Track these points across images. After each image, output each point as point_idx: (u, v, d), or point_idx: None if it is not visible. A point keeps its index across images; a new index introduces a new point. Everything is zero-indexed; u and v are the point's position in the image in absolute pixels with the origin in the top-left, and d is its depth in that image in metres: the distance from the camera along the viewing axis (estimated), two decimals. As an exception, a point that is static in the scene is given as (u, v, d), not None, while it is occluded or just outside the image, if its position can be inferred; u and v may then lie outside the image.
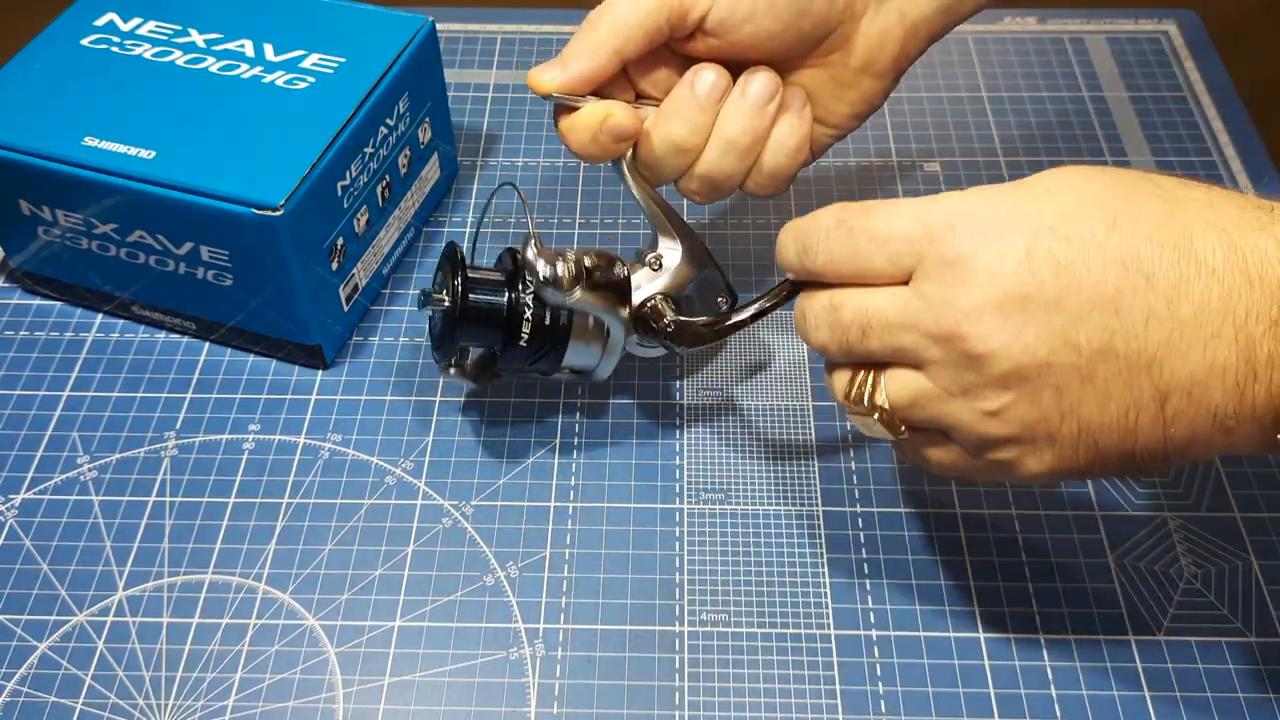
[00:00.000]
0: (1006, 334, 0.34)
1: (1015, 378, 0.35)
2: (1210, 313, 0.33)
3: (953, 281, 0.35)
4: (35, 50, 0.56)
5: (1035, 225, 0.35)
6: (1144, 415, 0.34)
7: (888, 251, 0.36)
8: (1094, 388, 0.34)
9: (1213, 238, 0.33)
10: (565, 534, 0.49)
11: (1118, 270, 0.34)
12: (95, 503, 0.50)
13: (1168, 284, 0.33)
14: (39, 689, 0.45)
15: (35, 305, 0.59)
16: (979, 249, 0.35)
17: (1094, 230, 0.34)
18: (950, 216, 0.36)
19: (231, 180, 0.49)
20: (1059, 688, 0.44)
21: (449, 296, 0.46)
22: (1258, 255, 0.33)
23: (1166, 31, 0.74)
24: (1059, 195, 0.35)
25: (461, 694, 0.45)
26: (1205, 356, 0.33)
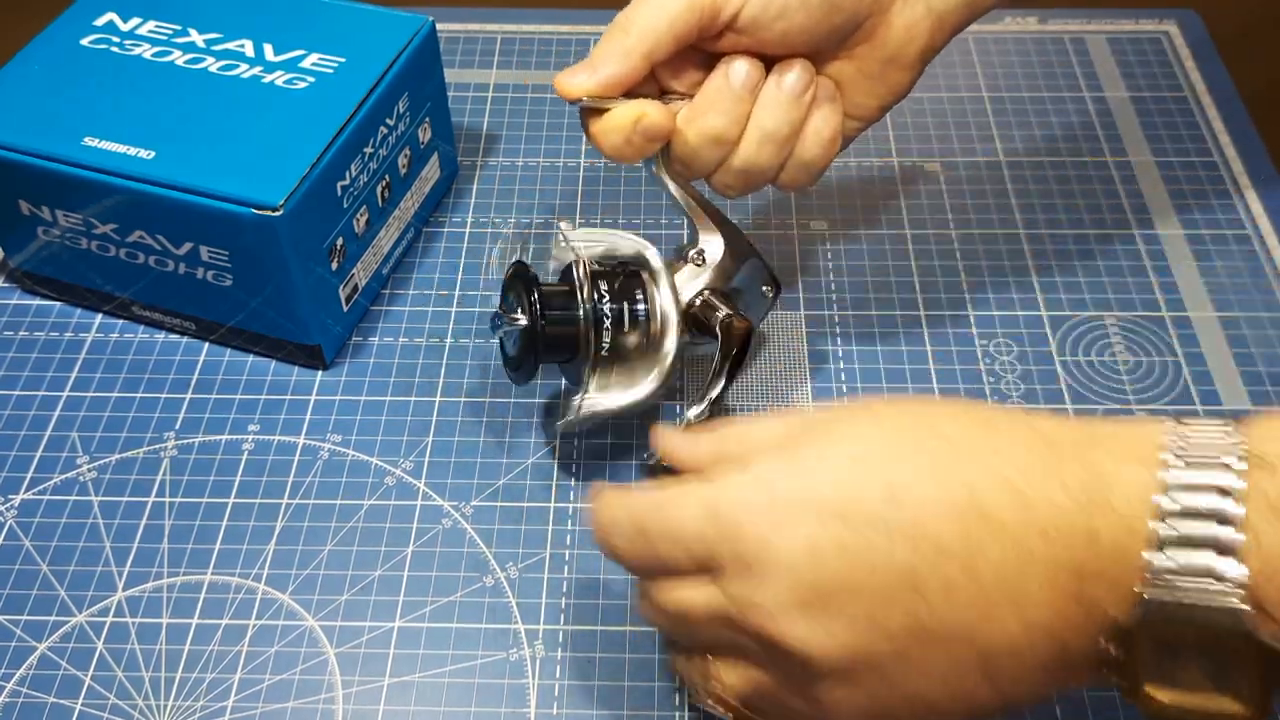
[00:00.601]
0: (817, 631, 0.33)
1: (837, 672, 0.33)
2: (1012, 574, 0.31)
3: (751, 579, 0.33)
4: (35, 50, 0.56)
5: (818, 510, 0.33)
6: (975, 683, 0.33)
7: (684, 547, 0.35)
8: (916, 667, 0.33)
9: (998, 491, 0.32)
10: (565, 534, 0.49)
11: (905, 545, 0.32)
12: (95, 503, 0.50)
13: (961, 550, 0.31)
14: (38, 689, 0.45)
15: (35, 305, 0.59)
16: (769, 545, 0.33)
17: (873, 505, 0.32)
18: (736, 506, 0.34)
19: (231, 180, 0.49)
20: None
21: (525, 315, 0.46)
22: (1045, 505, 0.31)
23: (1167, 32, 0.74)
24: (838, 468, 0.34)
25: (461, 695, 0.44)
26: (1019, 620, 0.31)
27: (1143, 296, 0.58)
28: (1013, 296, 0.58)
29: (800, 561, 0.33)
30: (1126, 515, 0.31)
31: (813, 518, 0.33)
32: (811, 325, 0.57)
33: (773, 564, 0.33)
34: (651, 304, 0.47)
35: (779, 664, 0.34)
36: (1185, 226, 0.62)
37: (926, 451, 0.33)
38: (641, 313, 0.47)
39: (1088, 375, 0.55)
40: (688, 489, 0.36)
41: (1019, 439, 0.33)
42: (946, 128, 0.67)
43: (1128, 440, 0.32)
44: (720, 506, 0.34)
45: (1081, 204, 0.63)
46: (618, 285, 0.47)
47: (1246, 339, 0.56)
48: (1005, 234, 0.61)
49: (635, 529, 0.37)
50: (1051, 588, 0.31)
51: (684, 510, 0.35)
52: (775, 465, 0.35)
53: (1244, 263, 0.60)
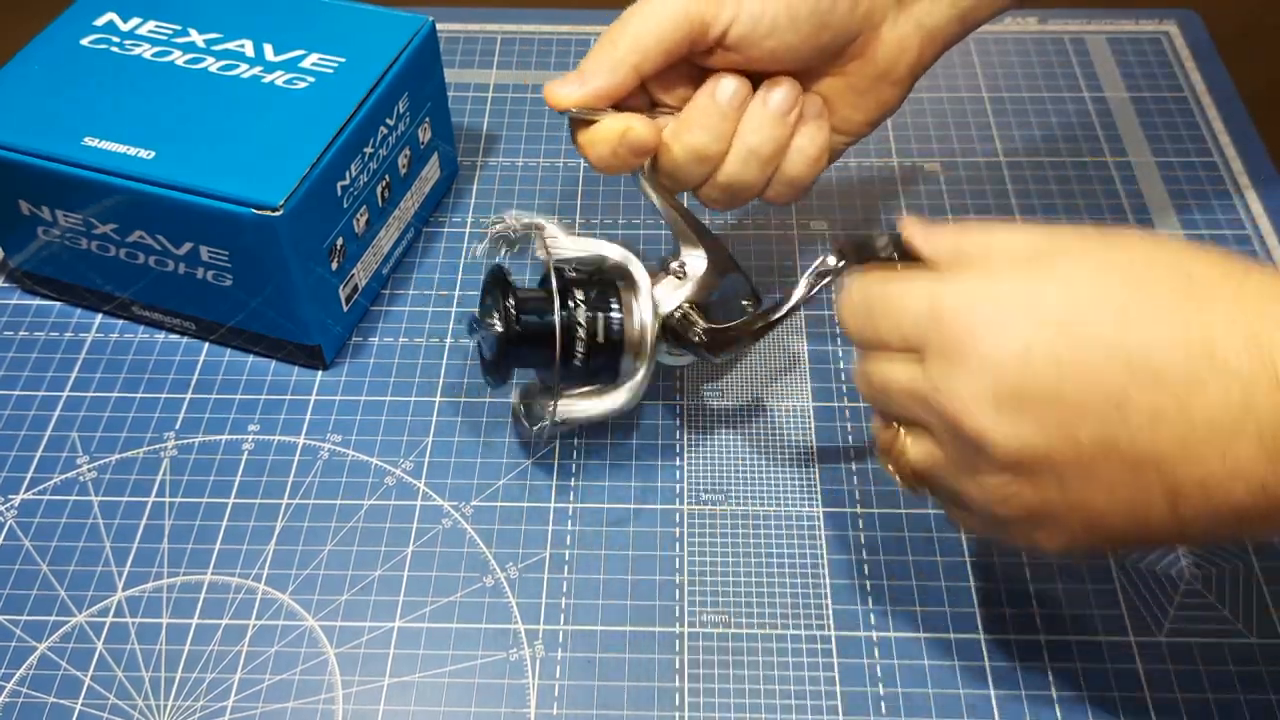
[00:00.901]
0: (1004, 426, 0.34)
1: (1015, 467, 0.35)
2: (1229, 415, 0.32)
3: (954, 368, 0.35)
4: (35, 50, 0.56)
5: (1040, 319, 0.34)
6: (1154, 510, 0.34)
7: (900, 330, 0.37)
8: (1098, 481, 0.34)
9: (1237, 336, 0.32)
10: (565, 534, 0.49)
11: (1123, 368, 0.33)
12: (94, 503, 0.50)
13: (1179, 384, 0.32)
14: (38, 689, 0.45)
15: (35, 305, 0.59)
16: (981, 340, 0.34)
17: (1101, 327, 0.33)
18: (958, 300, 0.36)
19: (231, 180, 0.49)
20: (1059, 689, 0.44)
21: (500, 319, 0.46)
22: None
23: (1167, 32, 0.74)
24: (1072, 285, 0.35)
25: (461, 695, 0.44)
26: (1224, 460, 0.32)
27: (1143, 296, 0.58)
28: (1013, 296, 0.58)
29: (1007, 361, 0.34)
30: None
31: (1032, 324, 0.34)
32: (811, 325, 0.57)
33: (978, 358, 0.34)
34: (630, 315, 0.47)
35: (959, 447, 0.36)
36: (1185, 227, 0.62)
37: (1169, 288, 0.34)
38: (616, 322, 0.47)
39: (1088, 375, 0.55)
40: (919, 279, 0.37)
41: (1270, 295, 0.33)
42: (946, 128, 0.67)
43: None
44: (943, 299, 0.36)
45: (1081, 204, 0.63)
46: (594, 294, 0.47)
47: (1246, 339, 0.56)
48: (1005, 234, 0.61)
49: (864, 304, 0.39)
50: (1275, 438, 0.31)
51: (908, 296, 0.37)
52: (1010, 272, 0.36)
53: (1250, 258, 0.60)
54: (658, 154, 0.46)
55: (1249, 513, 0.33)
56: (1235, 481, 0.32)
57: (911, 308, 0.37)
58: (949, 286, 0.36)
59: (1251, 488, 0.32)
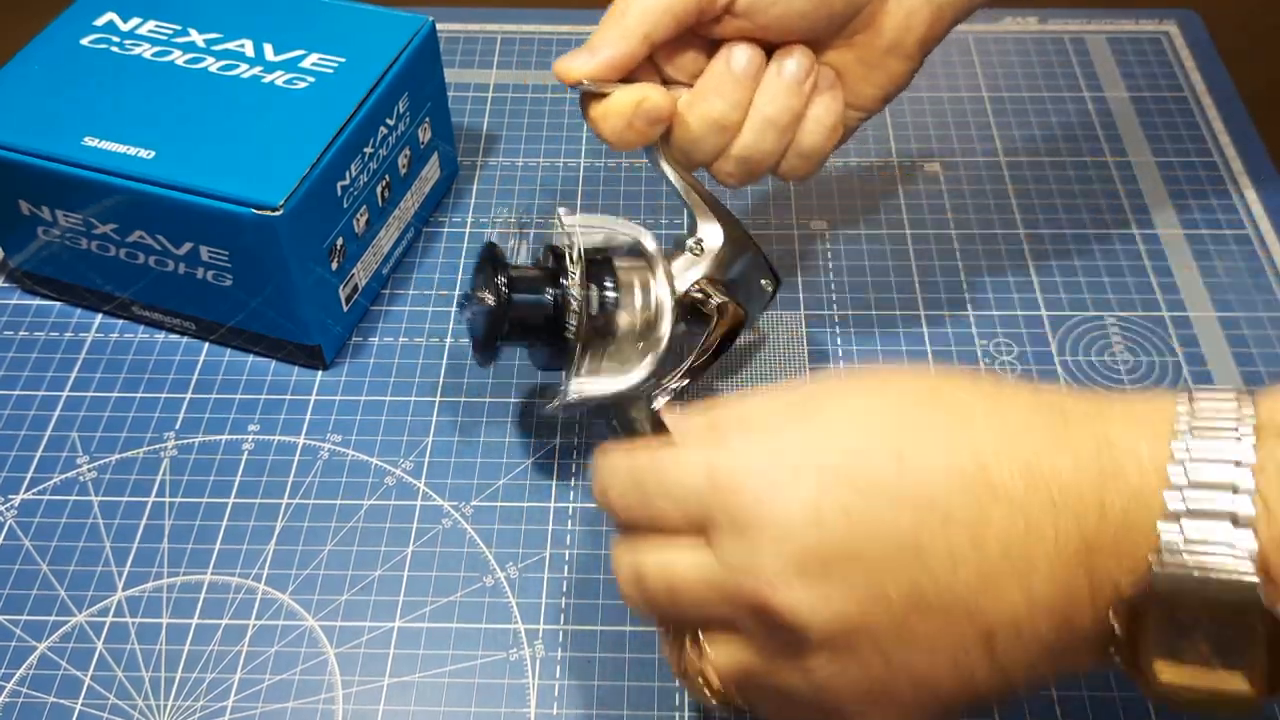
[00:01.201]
0: (813, 599, 0.31)
1: (834, 643, 0.32)
2: (1018, 545, 0.30)
3: (748, 542, 0.32)
4: (35, 50, 0.56)
5: (822, 473, 0.32)
6: (975, 661, 0.32)
7: (679, 508, 0.34)
8: (917, 640, 0.32)
9: (1006, 461, 0.31)
10: (565, 534, 0.49)
11: (911, 514, 0.31)
12: (94, 503, 0.50)
13: (968, 520, 0.31)
14: (38, 689, 0.45)
15: (35, 305, 0.59)
16: (769, 508, 0.32)
17: (881, 472, 0.32)
18: (736, 463, 0.33)
19: (231, 180, 0.49)
20: (1060, 689, 0.44)
21: (492, 295, 0.45)
22: (1055, 475, 0.31)
23: (1167, 32, 0.74)
24: (842, 429, 0.33)
25: (461, 695, 0.44)
26: (1024, 593, 0.31)
27: (1143, 296, 0.58)
28: (1013, 296, 0.58)
29: (800, 525, 0.32)
30: (1138, 487, 0.30)
31: (816, 481, 0.32)
32: (811, 324, 0.57)
33: (770, 525, 0.32)
34: (645, 293, 0.46)
35: (772, 636, 0.33)
36: (1185, 226, 0.62)
37: (935, 419, 0.33)
38: (612, 298, 0.46)
39: (1088, 375, 0.55)
40: (691, 449, 0.35)
41: (1028, 409, 0.32)
42: (946, 128, 0.67)
43: (1139, 412, 0.32)
44: (720, 466, 0.33)
45: (1081, 204, 0.63)
46: (589, 270, 0.46)
47: (1246, 339, 0.56)
48: (1005, 234, 0.61)
49: (632, 482, 0.36)
50: (1058, 560, 0.30)
51: (683, 468, 0.34)
52: (780, 431, 0.34)
53: (1244, 263, 0.60)
54: (673, 126, 0.45)
55: (1061, 648, 0.31)
56: (1040, 615, 0.31)
57: (688, 478, 0.34)
58: (723, 451, 0.34)
59: (1055, 621, 0.31)
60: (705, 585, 0.34)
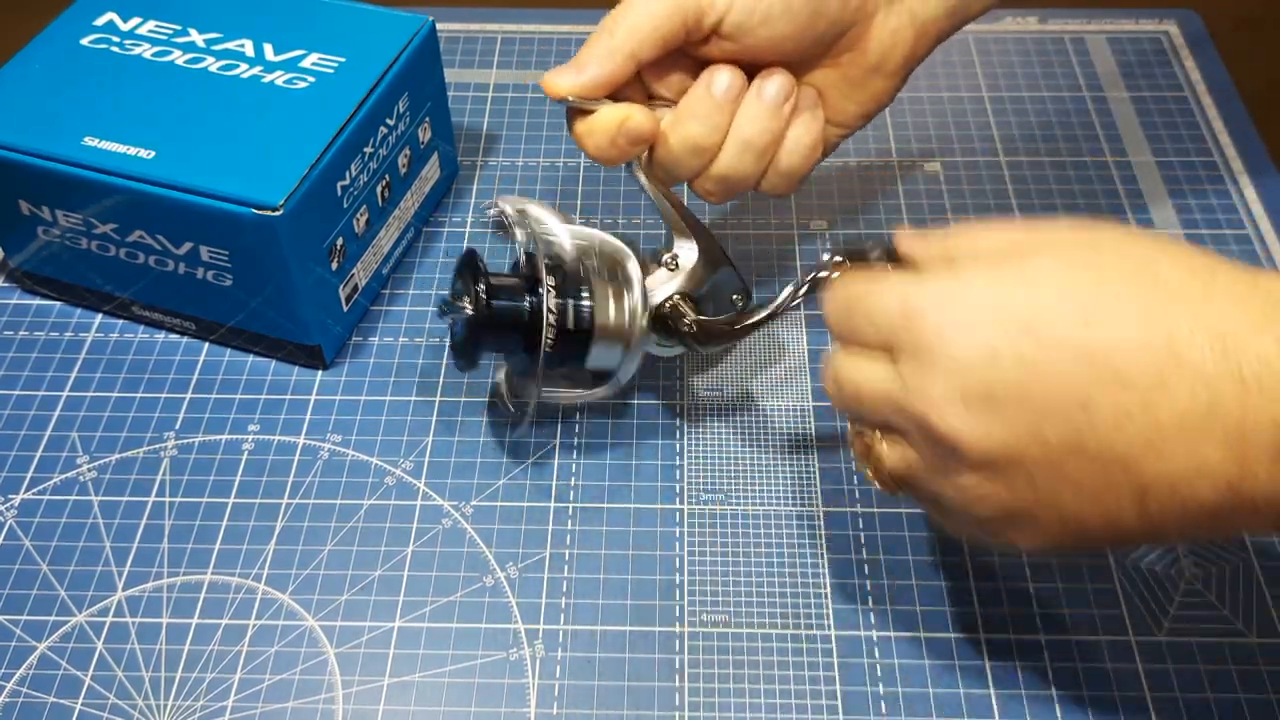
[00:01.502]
0: (973, 426, 0.34)
1: (987, 466, 0.35)
2: (1195, 416, 0.32)
3: (924, 369, 0.35)
4: (35, 50, 0.56)
5: (1008, 321, 0.34)
6: (1124, 509, 0.34)
7: (874, 327, 0.38)
8: (1068, 480, 0.34)
9: (1203, 338, 0.32)
10: (565, 534, 0.49)
11: (1087, 370, 0.33)
12: (95, 503, 0.50)
13: (1144, 385, 0.32)
14: (38, 689, 0.45)
15: (35, 305, 0.59)
16: (949, 341, 0.35)
17: (1066, 329, 0.34)
18: (928, 301, 0.36)
19: (231, 180, 0.49)
20: (1059, 688, 0.44)
21: (471, 303, 0.46)
22: (1252, 357, 0.32)
23: (1167, 31, 0.74)
24: (1039, 286, 0.35)
25: (461, 695, 0.44)
26: (1190, 460, 0.32)
27: (1143, 296, 0.58)
28: (1013, 296, 0.58)
29: (975, 361, 0.34)
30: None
31: (998, 324, 0.34)
32: (812, 325, 0.57)
33: (947, 359, 0.35)
34: (620, 303, 0.47)
35: (932, 448, 0.36)
36: (1185, 225, 0.62)
37: (1137, 289, 0.34)
38: (587, 309, 0.47)
39: (1088, 375, 0.55)
40: (895, 281, 0.38)
41: (1237, 293, 0.33)
42: (946, 127, 0.67)
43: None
44: (914, 299, 0.36)
45: (1081, 203, 0.63)
46: (566, 280, 0.47)
47: (1246, 338, 0.56)
48: (1005, 234, 0.61)
49: (844, 302, 0.39)
50: (1240, 436, 0.32)
51: (883, 295, 0.38)
52: (981, 271, 0.36)
53: (1244, 261, 0.59)
54: (654, 145, 0.46)
55: (1219, 511, 0.33)
56: (1202, 481, 0.32)
57: (885, 306, 0.37)
58: (921, 288, 0.37)
59: (1218, 487, 0.32)
60: (884, 397, 0.37)
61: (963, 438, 0.35)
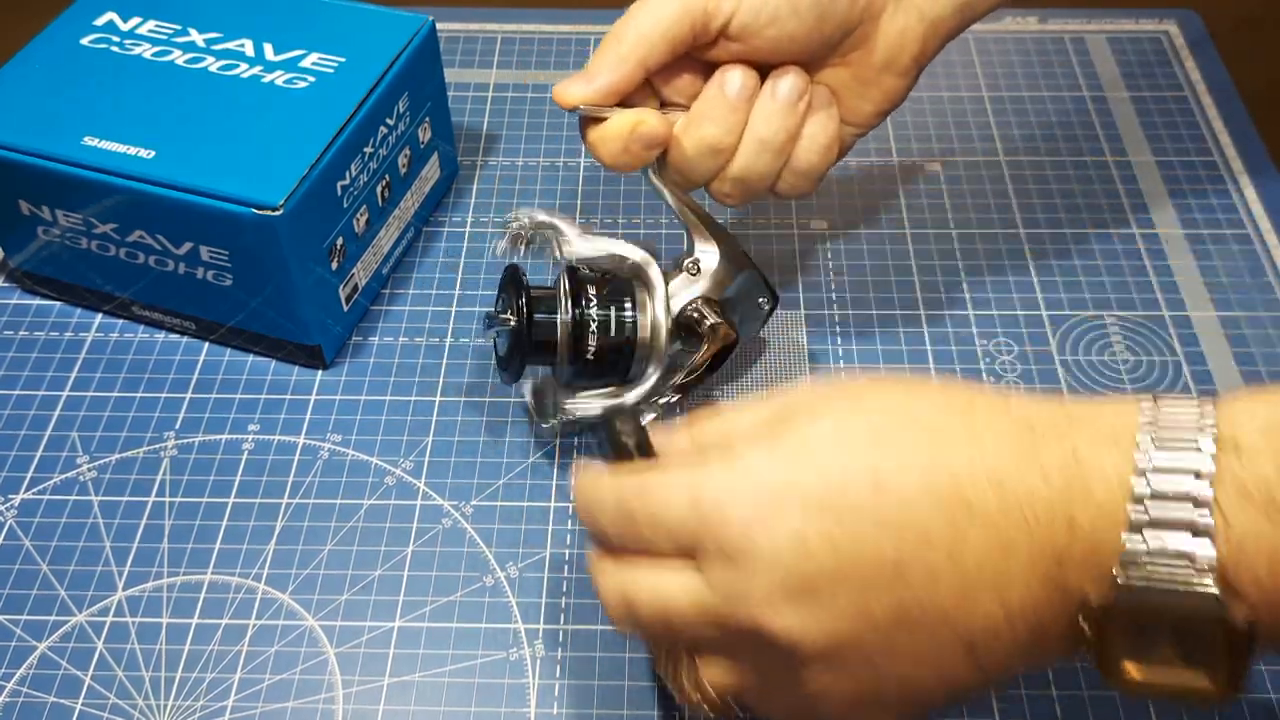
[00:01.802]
0: (805, 620, 0.33)
1: (824, 658, 0.34)
2: (994, 562, 0.32)
3: (737, 572, 0.33)
4: (35, 50, 0.56)
5: (804, 502, 0.33)
6: (958, 666, 0.33)
7: (669, 536, 0.35)
8: (902, 651, 0.33)
9: (981, 480, 0.32)
10: (565, 534, 0.49)
11: (892, 536, 0.32)
12: (95, 503, 0.50)
13: (945, 539, 0.32)
14: (38, 689, 0.45)
15: (35, 305, 0.59)
16: (754, 538, 0.33)
17: (861, 497, 0.33)
18: (719, 494, 0.34)
19: (231, 180, 0.49)
20: (1059, 688, 0.44)
21: (515, 316, 0.46)
22: (1027, 495, 0.32)
23: (1167, 31, 0.74)
24: (822, 457, 0.34)
25: (461, 694, 0.44)
26: (1001, 605, 0.32)
27: (1143, 296, 0.58)
28: (1013, 296, 0.58)
29: (786, 554, 0.33)
30: (1104, 501, 0.31)
31: (799, 509, 0.33)
32: (811, 325, 0.57)
33: (758, 556, 0.33)
34: (643, 312, 0.47)
35: (765, 655, 0.34)
36: (1185, 225, 0.62)
37: (910, 440, 0.33)
38: (630, 320, 0.47)
39: (1088, 374, 0.55)
40: (673, 474, 0.36)
41: (999, 427, 0.33)
42: (946, 127, 0.67)
43: (1104, 422, 0.32)
44: (705, 495, 0.34)
45: (1081, 203, 0.63)
46: (606, 291, 0.47)
47: (1246, 338, 0.56)
48: (1005, 233, 0.61)
49: (619, 508, 0.36)
50: (1032, 574, 0.32)
51: (669, 495, 0.35)
52: (759, 453, 0.35)
53: (1244, 261, 0.60)
54: (669, 150, 0.46)
55: (1038, 650, 0.33)
56: (1016, 622, 0.32)
57: (675, 508, 0.35)
58: (708, 480, 0.35)
59: (1030, 628, 0.32)
60: (698, 611, 0.35)
61: (795, 634, 0.33)
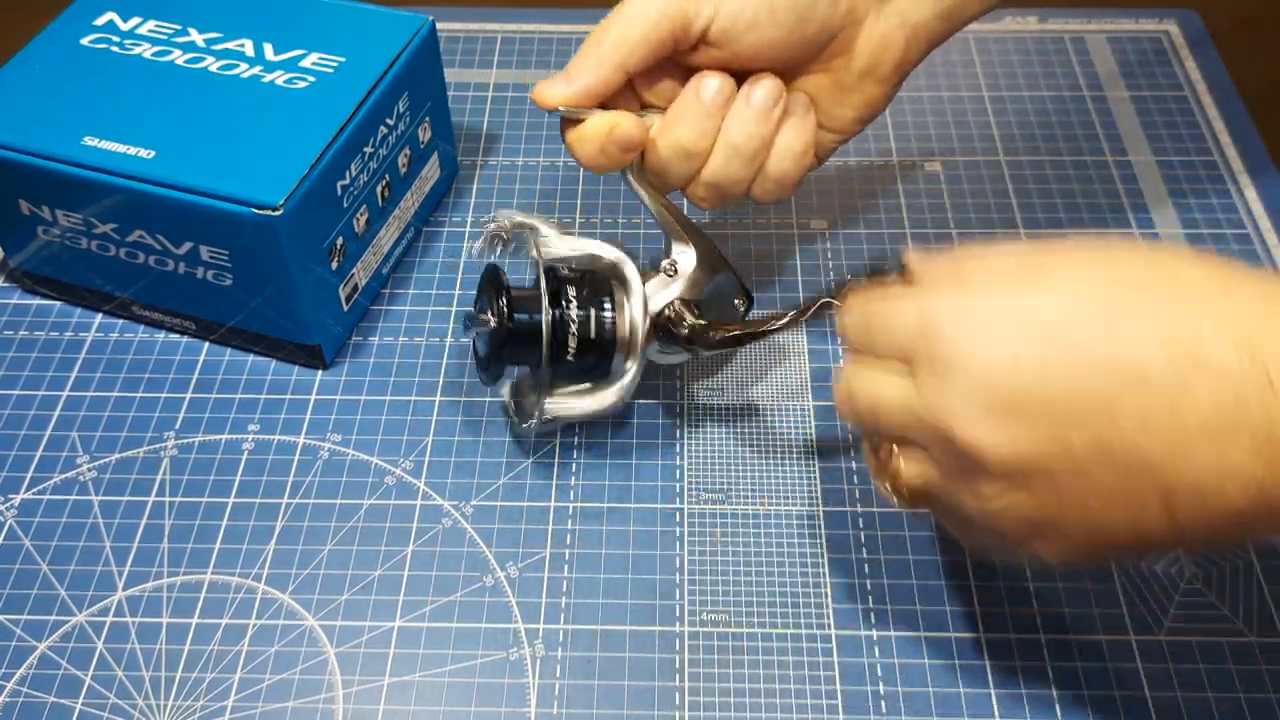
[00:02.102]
0: (996, 436, 0.34)
1: (1010, 477, 0.35)
2: (1221, 418, 0.31)
3: (944, 380, 0.35)
4: (35, 50, 0.56)
5: (1026, 328, 0.34)
6: (1151, 515, 0.33)
7: (893, 341, 0.38)
8: (1093, 486, 0.34)
9: (1226, 339, 0.32)
10: (565, 534, 0.49)
11: (1110, 374, 0.33)
12: (95, 503, 0.50)
13: (1168, 388, 0.32)
14: (38, 689, 0.45)
15: (35, 305, 0.59)
16: (969, 351, 0.35)
17: (1087, 333, 0.33)
18: (945, 314, 0.36)
19: (231, 180, 0.49)
20: (1059, 688, 0.44)
21: (494, 317, 0.47)
22: (1274, 355, 0.31)
23: (1167, 31, 0.74)
24: (1057, 293, 0.35)
25: (461, 694, 0.44)
26: (1218, 462, 0.32)
27: (1143, 296, 0.58)
28: (1013, 296, 0.58)
29: (996, 369, 0.34)
30: None
31: (1019, 333, 0.34)
32: (811, 327, 0.57)
33: (964, 367, 0.35)
34: (620, 313, 0.47)
35: (955, 460, 0.36)
36: (1185, 225, 0.62)
37: (1158, 293, 0.34)
38: (609, 320, 0.47)
39: (1088, 374, 0.55)
40: (912, 294, 0.38)
41: (1258, 293, 0.33)
42: (946, 127, 0.67)
43: None
44: (931, 312, 0.36)
45: (1081, 203, 0.63)
46: (586, 293, 0.48)
47: (1247, 338, 0.56)
48: (1005, 233, 0.61)
49: (862, 316, 0.40)
50: (1268, 438, 0.31)
51: (902, 308, 0.38)
52: (998, 284, 0.36)
53: (1244, 260, 0.60)
54: (645, 152, 0.47)
55: (1245, 516, 0.32)
56: (1230, 484, 0.32)
57: (902, 319, 0.37)
58: (938, 300, 0.37)
59: (1248, 491, 0.32)
60: (903, 410, 0.37)
61: (985, 448, 0.34)
